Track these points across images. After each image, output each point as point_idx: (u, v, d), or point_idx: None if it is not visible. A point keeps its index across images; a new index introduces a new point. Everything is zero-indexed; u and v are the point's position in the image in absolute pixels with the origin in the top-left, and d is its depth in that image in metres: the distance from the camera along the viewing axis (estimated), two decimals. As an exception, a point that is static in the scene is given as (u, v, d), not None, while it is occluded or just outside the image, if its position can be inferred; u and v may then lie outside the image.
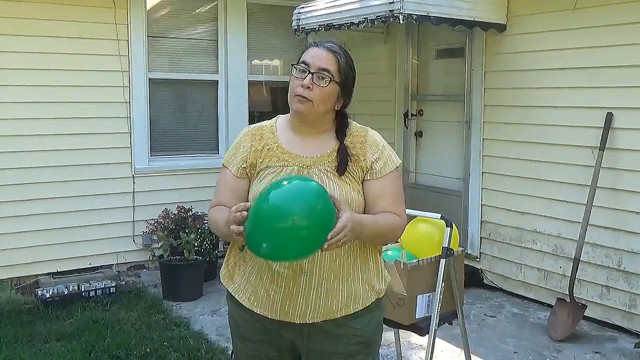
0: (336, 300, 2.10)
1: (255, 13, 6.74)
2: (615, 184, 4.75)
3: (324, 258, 2.06)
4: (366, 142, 2.19)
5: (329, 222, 1.87)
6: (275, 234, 1.83)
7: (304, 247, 1.86)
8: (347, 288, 2.11)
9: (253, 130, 2.25)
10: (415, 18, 5.02)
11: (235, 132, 6.49)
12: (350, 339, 2.16)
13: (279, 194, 1.89)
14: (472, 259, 5.86)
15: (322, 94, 2.10)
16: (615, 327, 4.83)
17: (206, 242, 5.63)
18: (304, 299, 2.08)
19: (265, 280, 2.11)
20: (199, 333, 4.70)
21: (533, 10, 5.29)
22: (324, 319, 2.11)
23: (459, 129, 6.12)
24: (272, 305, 2.11)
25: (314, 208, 1.85)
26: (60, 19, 5.64)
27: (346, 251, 2.10)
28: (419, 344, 4.43)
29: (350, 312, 2.13)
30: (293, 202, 1.85)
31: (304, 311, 2.09)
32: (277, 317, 2.12)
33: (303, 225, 1.82)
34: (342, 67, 2.14)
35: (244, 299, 2.17)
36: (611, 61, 4.74)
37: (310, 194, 1.88)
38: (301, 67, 2.12)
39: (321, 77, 2.10)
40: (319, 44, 2.18)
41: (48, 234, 5.71)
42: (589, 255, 4.92)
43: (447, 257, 3.42)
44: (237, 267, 2.21)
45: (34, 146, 5.61)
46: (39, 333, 4.61)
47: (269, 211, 1.85)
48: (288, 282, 2.07)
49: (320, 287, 2.08)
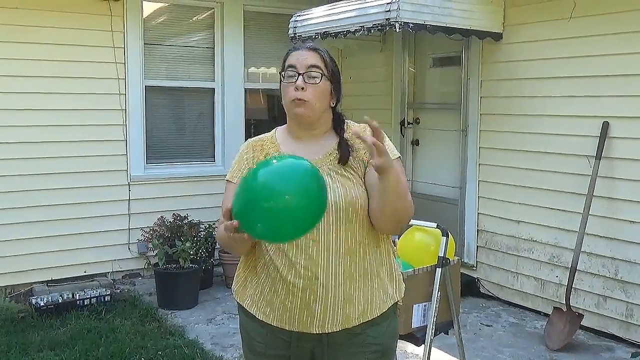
0: (353, 307, 2.08)
1: (252, 21, 6.75)
2: (612, 193, 4.75)
3: (338, 265, 2.05)
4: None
5: (321, 196, 1.83)
6: (267, 213, 1.76)
7: (296, 221, 1.80)
8: (363, 295, 2.10)
9: (253, 143, 2.25)
10: (411, 26, 5.02)
11: (231, 140, 6.57)
12: (368, 348, 2.14)
13: (269, 172, 1.83)
14: (469, 268, 5.84)
15: (317, 91, 2.10)
16: (612, 336, 4.81)
17: (202, 251, 5.61)
18: (322, 308, 2.05)
19: (280, 292, 2.08)
20: (193, 342, 4.67)
21: (529, 19, 5.30)
22: (343, 327, 2.09)
23: (456, 137, 6.12)
24: (290, 316, 2.08)
25: (305, 185, 1.80)
26: (57, 26, 5.65)
27: (362, 257, 2.09)
28: (415, 354, 4.41)
29: (368, 319, 2.11)
30: (283, 179, 1.79)
31: (322, 320, 2.07)
32: (296, 329, 2.09)
33: (294, 203, 1.76)
34: (328, 62, 2.15)
35: (259, 313, 2.15)
36: (607, 70, 4.75)
37: (301, 171, 1.83)
38: (289, 72, 2.12)
39: (312, 75, 2.10)
40: (298, 47, 2.18)
41: (43, 241, 5.68)
42: (585, 265, 4.91)
43: (443, 267, 3.41)
44: (249, 281, 2.19)
45: (28, 153, 5.60)
46: (32, 342, 4.58)
47: (260, 190, 1.78)
48: (304, 292, 2.05)
49: (337, 295, 2.06)
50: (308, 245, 2.04)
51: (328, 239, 2.05)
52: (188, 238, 5.55)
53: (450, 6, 5.21)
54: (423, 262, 3.44)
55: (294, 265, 2.04)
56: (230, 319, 5.17)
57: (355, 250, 2.08)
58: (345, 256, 2.06)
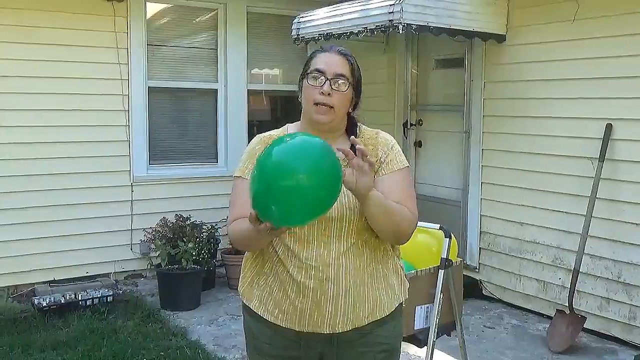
0: (363, 307, 2.10)
1: (255, 22, 6.75)
2: (615, 195, 4.74)
3: (348, 265, 2.06)
4: (378, 142, 2.20)
5: (336, 179, 1.82)
6: (282, 193, 1.74)
7: (310, 205, 1.79)
8: (372, 294, 2.11)
9: (265, 138, 2.24)
10: (414, 28, 5.01)
11: (234, 141, 6.57)
12: (377, 347, 2.16)
13: (282, 151, 1.81)
14: (471, 270, 5.84)
15: (343, 99, 2.11)
16: (615, 339, 4.80)
17: (204, 252, 5.61)
18: (332, 308, 2.06)
19: (290, 293, 2.08)
20: (196, 343, 4.67)
21: (533, 21, 5.30)
22: (353, 326, 2.10)
23: (459, 139, 6.11)
24: (300, 317, 2.09)
25: (319, 165, 1.78)
26: (60, 27, 5.65)
27: (369, 257, 2.11)
28: (417, 356, 4.40)
29: (377, 319, 2.13)
30: (298, 159, 1.78)
31: (333, 320, 2.07)
32: (306, 329, 2.10)
33: (309, 184, 1.74)
34: (355, 70, 2.15)
35: (267, 314, 2.15)
36: (611, 72, 4.74)
37: (316, 149, 1.82)
38: (315, 75, 2.11)
39: (339, 82, 2.09)
40: (328, 49, 2.17)
41: (45, 242, 5.68)
42: (588, 267, 4.90)
43: (446, 268, 3.40)
44: (256, 282, 2.19)
45: (32, 154, 5.60)
46: (35, 342, 4.58)
47: (273, 169, 1.77)
48: (315, 292, 2.05)
49: (347, 295, 2.07)
50: (318, 246, 2.05)
51: (338, 240, 2.06)
52: (190, 239, 5.54)
53: (454, 8, 5.21)
54: (425, 263, 3.43)
55: (304, 265, 2.05)
56: (232, 320, 5.17)
57: (364, 250, 2.10)
58: (355, 257, 2.08)
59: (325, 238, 2.05)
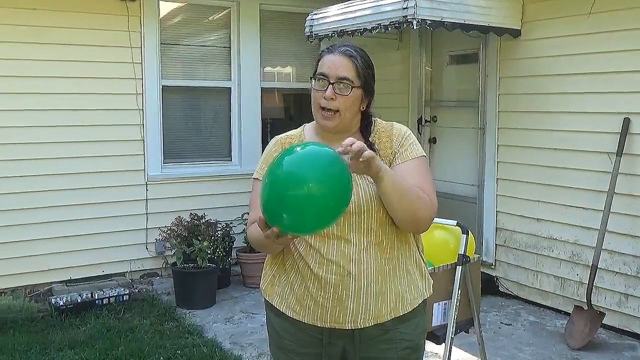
0: (385, 302, 2.09)
1: (268, 20, 6.75)
2: (633, 190, 4.69)
3: (369, 260, 2.06)
4: (392, 133, 2.19)
5: (346, 185, 1.82)
6: (291, 202, 1.77)
7: (320, 213, 1.80)
8: (394, 290, 2.10)
9: (282, 139, 2.25)
10: (429, 23, 4.98)
11: (248, 140, 6.56)
12: (399, 344, 2.14)
13: (292, 160, 1.83)
14: (488, 267, 5.80)
15: (346, 102, 2.09)
16: (634, 335, 4.75)
17: (219, 250, 5.62)
18: (354, 303, 2.05)
19: (312, 289, 2.08)
20: (212, 341, 4.67)
21: (548, 16, 5.25)
22: (375, 322, 2.08)
23: (474, 135, 6.07)
24: (322, 312, 2.08)
25: (328, 173, 1.80)
26: (74, 26, 5.67)
27: (391, 252, 2.10)
28: (435, 352, 4.38)
29: (399, 314, 2.11)
30: (307, 168, 1.80)
31: (355, 315, 2.07)
32: (328, 325, 2.09)
33: (319, 193, 1.76)
34: (361, 70, 2.11)
35: (289, 310, 2.14)
36: (628, 66, 4.69)
37: (324, 159, 1.83)
38: (319, 78, 2.11)
39: (342, 86, 2.08)
40: (333, 49, 2.15)
41: (61, 241, 5.71)
42: (606, 263, 4.85)
43: (464, 265, 3.38)
44: (277, 279, 2.19)
45: (47, 154, 5.63)
46: (52, 341, 4.61)
47: (283, 179, 1.80)
48: (337, 288, 2.05)
49: (369, 290, 2.06)
50: (339, 241, 2.05)
51: (358, 235, 2.05)
52: (205, 237, 5.55)
53: (468, 2, 5.17)
54: (443, 260, 3.41)
55: (326, 261, 2.05)
56: (248, 318, 5.17)
57: (385, 245, 2.09)
58: (376, 252, 2.07)
59: (345, 233, 2.04)
